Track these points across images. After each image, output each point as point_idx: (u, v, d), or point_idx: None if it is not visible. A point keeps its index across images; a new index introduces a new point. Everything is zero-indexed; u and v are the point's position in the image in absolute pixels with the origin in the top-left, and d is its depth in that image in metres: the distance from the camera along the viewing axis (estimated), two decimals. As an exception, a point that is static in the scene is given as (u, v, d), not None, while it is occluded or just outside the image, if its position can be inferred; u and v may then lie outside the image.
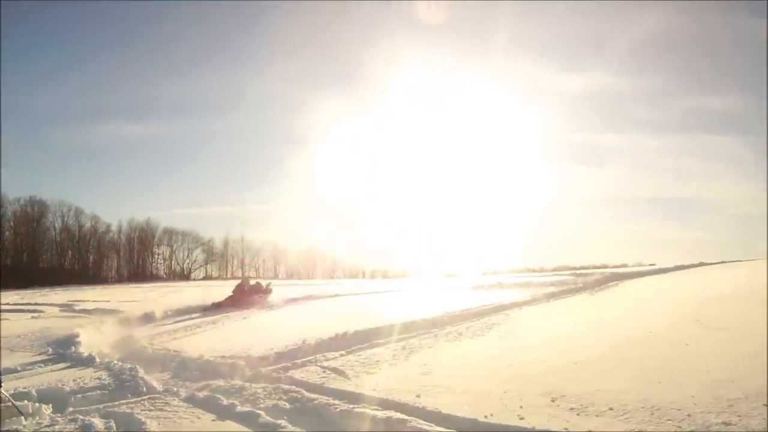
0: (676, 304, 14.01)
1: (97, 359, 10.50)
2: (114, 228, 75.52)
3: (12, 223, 67.97)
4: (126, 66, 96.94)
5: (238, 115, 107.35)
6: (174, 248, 79.03)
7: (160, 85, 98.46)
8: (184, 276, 75.79)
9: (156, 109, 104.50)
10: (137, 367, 9.29)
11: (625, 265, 59.22)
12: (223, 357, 9.80)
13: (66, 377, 9.12)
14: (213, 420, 6.53)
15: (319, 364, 8.83)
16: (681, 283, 21.48)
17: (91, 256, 73.72)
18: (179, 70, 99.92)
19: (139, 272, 72.31)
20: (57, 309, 23.87)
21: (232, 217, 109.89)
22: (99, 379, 8.83)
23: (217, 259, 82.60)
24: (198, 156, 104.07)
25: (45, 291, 38.93)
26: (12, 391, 7.55)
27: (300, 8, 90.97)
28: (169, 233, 78.17)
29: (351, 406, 6.44)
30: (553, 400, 6.33)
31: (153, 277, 70.14)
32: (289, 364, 8.90)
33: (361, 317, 14.14)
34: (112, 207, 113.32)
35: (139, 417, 6.48)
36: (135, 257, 76.07)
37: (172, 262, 78.97)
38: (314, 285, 39.70)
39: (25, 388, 8.13)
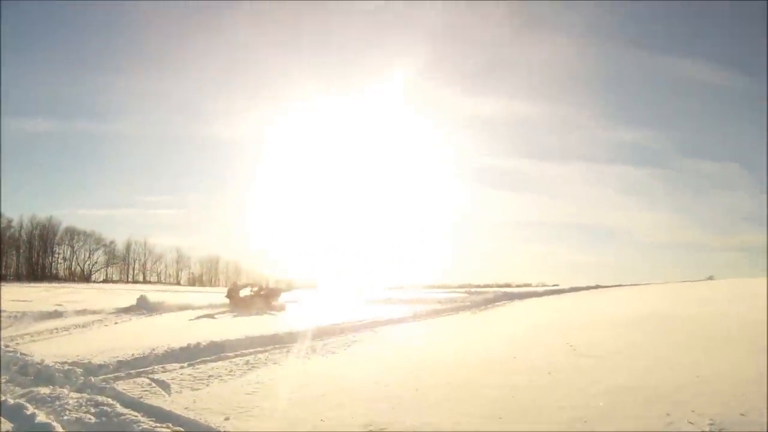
0: (556, 328, 14.18)
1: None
2: (15, 224, 72.49)
3: None
4: (35, 61, 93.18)
5: (149, 119, 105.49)
6: (75, 248, 76.58)
7: (73, 83, 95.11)
8: (84, 278, 73.43)
9: (66, 107, 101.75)
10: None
11: (528, 285, 61.41)
12: (64, 363, 9.74)
13: None
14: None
15: (152, 375, 8.82)
16: (570, 306, 22.07)
17: (-10, 253, 70.01)
18: (94, 69, 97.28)
19: (38, 271, 69.32)
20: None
21: (138, 220, 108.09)
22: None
23: (119, 262, 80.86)
24: (107, 157, 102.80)
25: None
26: None
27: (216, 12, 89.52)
28: (71, 232, 75.86)
29: (155, 425, 6.24)
30: (368, 436, 5.95)
31: (51, 277, 67.49)
32: (123, 374, 8.93)
33: (224, 328, 14.31)
34: (15, 204, 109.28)
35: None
36: (35, 256, 73.02)
37: (73, 263, 76.39)
38: (207, 293, 39.37)
39: None
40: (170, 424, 6.28)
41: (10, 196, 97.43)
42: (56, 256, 75.52)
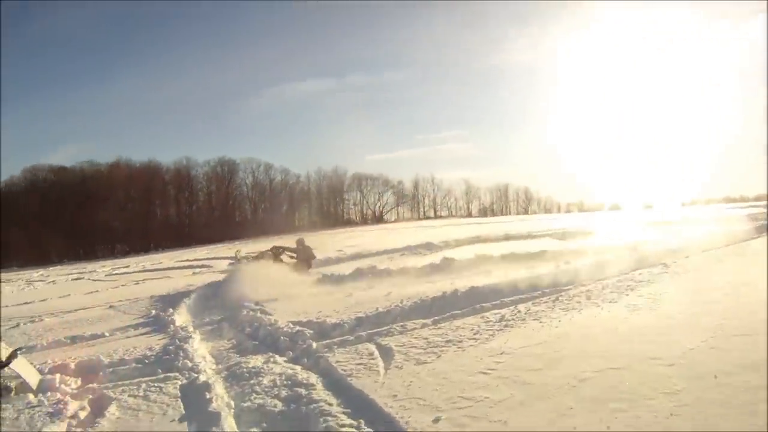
0: None
1: (176, 324, 9.60)
2: (303, 179, 78.65)
3: (204, 183, 73.07)
4: (311, 26, 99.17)
5: (423, 62, 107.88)
6: (364, 193, 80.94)
7: (345, 43, 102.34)
8: (376, 219, 77.49)
9: (342, 65, 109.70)
10: (193, 336, 8.38)
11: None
12: (297, 323, 8.39)
13: (124, 346, 8.22)
14: (171, 421, 5.03)
15: (382, 339, 7.00)
16: None
17: (283, 208, 76.45)
18: (363, 26, 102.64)
19: (330, 219, 74.02)
20: (226, 263, 23.35)
21: (422, 159, 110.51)
22: (149, 349, 7.77)
23: (408, 200, 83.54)
24: (385, 104, 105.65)
25: (236, 244, 40.53)
26: (51, 364, 6.99)
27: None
28: (358, 179, 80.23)
29: (344, 422, 4.53)
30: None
31: (344, 223, 72.51)
32: (353, 337, 7.26)
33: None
34: (302, 161, 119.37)
35: (121, 401, 5.65)
36: (325, 205, 78.63)
37: (363, 207, 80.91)
38: (490, 224, 38.11)
39: (72, 359, 7.40)
40: (362, 422, 4.52)
41: (298, 155, 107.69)
42: (346, 202, 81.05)
